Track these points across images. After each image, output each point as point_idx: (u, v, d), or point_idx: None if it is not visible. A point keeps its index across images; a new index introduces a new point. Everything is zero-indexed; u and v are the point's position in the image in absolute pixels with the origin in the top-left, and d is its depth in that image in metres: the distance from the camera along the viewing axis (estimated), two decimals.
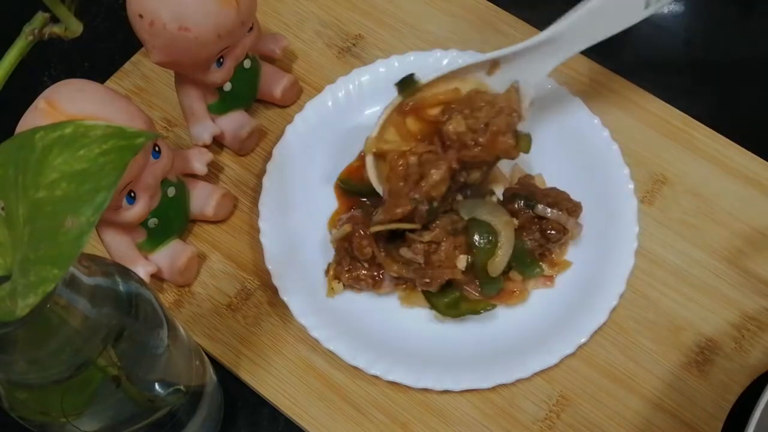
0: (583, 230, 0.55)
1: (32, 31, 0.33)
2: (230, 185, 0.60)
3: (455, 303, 0.53)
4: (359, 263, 0.54)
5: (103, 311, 0.36)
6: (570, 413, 0.51)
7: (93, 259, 0.38)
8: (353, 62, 0.64)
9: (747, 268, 0.55)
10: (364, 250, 0.53)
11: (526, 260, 0.54)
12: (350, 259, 0.54)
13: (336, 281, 0.54)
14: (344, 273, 0.54)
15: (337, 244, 0.55)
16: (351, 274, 0.54)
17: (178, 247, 0.55)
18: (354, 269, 0.54)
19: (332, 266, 0.55)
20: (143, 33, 0.50)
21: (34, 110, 0.46)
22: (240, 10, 0.51)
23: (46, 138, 0.29)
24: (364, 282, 0.54)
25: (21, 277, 0.28)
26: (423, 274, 0.52)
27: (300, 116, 0.60)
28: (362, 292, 0.55)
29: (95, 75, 0.54)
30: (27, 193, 0.28)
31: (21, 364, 0.35)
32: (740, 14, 0.69)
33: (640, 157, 0.59)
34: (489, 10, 0.66)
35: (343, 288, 0.54)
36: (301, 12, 0.66)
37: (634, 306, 0.54)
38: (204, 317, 0.55)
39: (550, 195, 0.55)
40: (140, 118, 0.48)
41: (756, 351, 0.53)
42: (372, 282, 0.54)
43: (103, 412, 0.39)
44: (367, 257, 0.53)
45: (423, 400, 0.51)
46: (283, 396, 0.52)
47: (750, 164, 0.59)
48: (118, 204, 0.49)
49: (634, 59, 0.66)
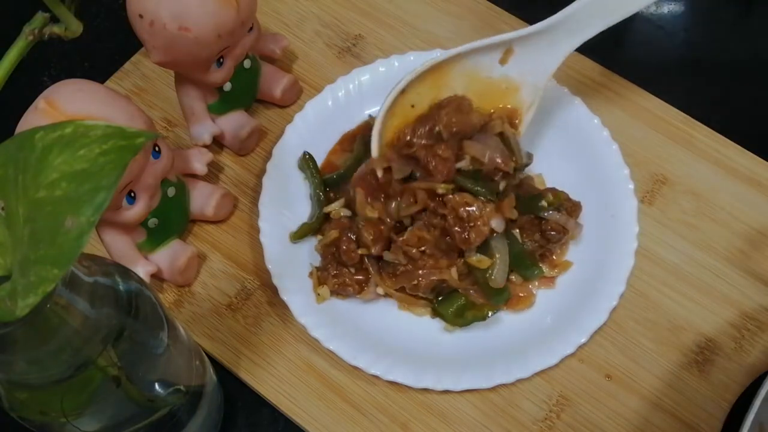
0: (583, 230, 0.55)
1: (32, 31, 0.33)
2: (230, 185, 0.60)
3: (461, 311, 0.53)
4: (346, 268, 0.54)
5: (103, 311, 0.36)
6: (570, 413, 0.51)
7: (93, 259, 0.38)
8: (353, 62, 0.64)
9: (747, 268, 0.55)
10: (351, 254, 0.53)
11: (526, 262, 0.54)
12: (336, 264, 0.54)
13: (322, 287, 0.54)
14: (330, 278, 0.53)
15: (323, 249, 0.54)
16: (338, 280, 0.53)
17: (178, 247, 0.55)
18: (340, 275, 0.53)
19: (316, 272, 0.54)
20: (143, 33, 0.50)
21: (34, 110, 0.46)
22: (240, 10, 0.51)
23: (46, 138, 0.29)
24: (350, 287, 0.53)
25: (21, 277, 0.28)
26: (410, 277, 0.52)
27: (300, 116, 0.60)
28: (348, 298, 0.54)
29: (95, 75, 0.54)
30: (27, 193, 0.28)
31: (21, 364, 0.35)
32: (740, 14, 0.69)
33: (640, 157, 0.59)
34: (489, 10, 0.66)
35: (330, 294, 0.54)
36: (301, 12, 0.66)
37: (634, 306, 0.54)
38: (204, 317, 0.55)
39: (550, 195, 0.55)
40: (140, 118, 0.48)
41: (756, 351, 0.53)
42: (359, 288, 0.53)
43: (103, 412, 0.39)
44: (355, 262, 0.53)
45: (423, 400, 0.51)
46: (283, 396, 0.52)
47: (750, 164, 0.59)
48: (118, 204, 0.49)
49: (634, 59, 0.66)
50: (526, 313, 0.54)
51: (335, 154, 0.60)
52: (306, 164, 0.58)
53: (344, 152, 0.60)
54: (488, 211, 0.51)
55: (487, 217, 0.51)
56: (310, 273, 0.55)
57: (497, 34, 0.53)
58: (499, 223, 0.52)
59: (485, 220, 0.51)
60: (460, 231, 0.51)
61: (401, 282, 0.52)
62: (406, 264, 0.52)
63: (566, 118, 0.59)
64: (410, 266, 0.52)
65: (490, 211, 0.51)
